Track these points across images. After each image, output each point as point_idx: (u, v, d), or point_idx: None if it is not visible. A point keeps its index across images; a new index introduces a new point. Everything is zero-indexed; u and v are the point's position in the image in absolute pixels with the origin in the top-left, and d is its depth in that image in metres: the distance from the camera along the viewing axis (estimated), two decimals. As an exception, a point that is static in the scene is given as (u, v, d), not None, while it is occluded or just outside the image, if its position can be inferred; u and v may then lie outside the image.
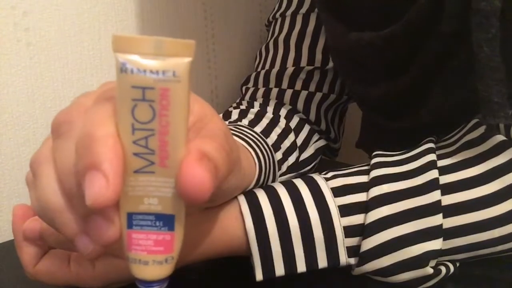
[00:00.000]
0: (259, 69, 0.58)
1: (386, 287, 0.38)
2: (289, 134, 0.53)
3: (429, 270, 0.36)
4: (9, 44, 0.52)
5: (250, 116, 0.53)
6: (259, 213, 0.37)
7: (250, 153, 0.40)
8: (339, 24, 0.47)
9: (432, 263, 0.37)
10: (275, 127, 0.52)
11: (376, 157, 0.40)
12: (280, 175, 0.50)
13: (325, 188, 0.38)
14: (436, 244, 0.36)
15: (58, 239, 0.34)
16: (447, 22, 0.38)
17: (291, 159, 0.52)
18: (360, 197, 0.37)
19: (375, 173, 0.38)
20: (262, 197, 0.37)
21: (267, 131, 0.51)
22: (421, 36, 0.41)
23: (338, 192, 0.38)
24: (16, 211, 0.37)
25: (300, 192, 0.38)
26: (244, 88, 0.59)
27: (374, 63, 0.46)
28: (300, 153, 0.54)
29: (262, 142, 0.45)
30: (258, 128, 0.51)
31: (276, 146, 0.50)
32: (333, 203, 0.37)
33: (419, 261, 0.36)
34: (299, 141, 0.54)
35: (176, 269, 0.38)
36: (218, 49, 0.70)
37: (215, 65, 0.70)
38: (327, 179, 0.39)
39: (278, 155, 0.50)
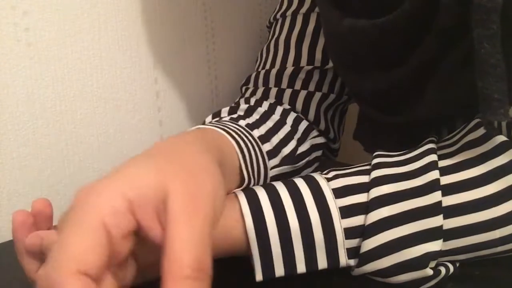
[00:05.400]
0: (259, 70, 0.58)
1: (386, 287, 0.38)
2: (282, 126, 0.52)
3: (428, 271, 0.36)
4: (9, 44, 0.52)
5: (240, 112, 0.53)
6: (259, 214, 0.37)
7: (232, 143, 0.42)
8: (334, 9, 0.46)
9: (432, 264, 0.37)
10: (266, 121, 0.52)
11: (377, 157, 0.40)
12: (274, 167, 0.49)
13: (326, 189, 0.38)
14: (436, 245, 0.36)
15: None
16: (444, 16, 0.37)
17: (285, 151, 0.51)
18: (361, 197, 0.37)
19: (376, 173, 0.38)
20: (263, 197, 0.37)
21: (255, 125, 0.51)
22: (416, 29, 0.40)
23: (339, 193, 0.38)
24: (16, 218, 0.36)
25: (301, 193, 0.38)
26: (243, 88, 0.59)
27: (366, 52, 0.45)
28: (298, 146, 0.53)
29: (245, 132, 0.45)
30: (243, 122, 0.50)
31: (265, 138, 0.50)
32: (334, 205, 0.37)
33: (419, 262, 0.36)
34: (297, 135, 0.53)
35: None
36: (218, 49, 0.69)
37: (215, 65, 0.70)
38: (328, 179, 0.39)
39: (267, 146, 0.49)
